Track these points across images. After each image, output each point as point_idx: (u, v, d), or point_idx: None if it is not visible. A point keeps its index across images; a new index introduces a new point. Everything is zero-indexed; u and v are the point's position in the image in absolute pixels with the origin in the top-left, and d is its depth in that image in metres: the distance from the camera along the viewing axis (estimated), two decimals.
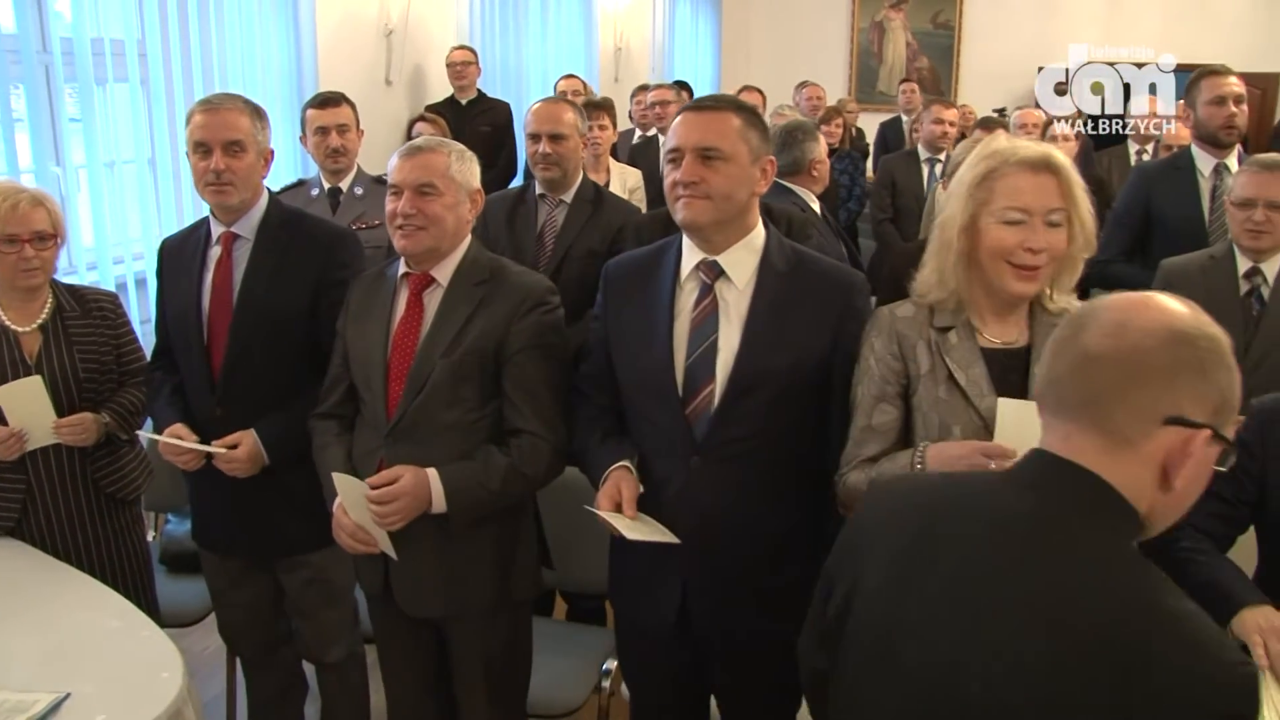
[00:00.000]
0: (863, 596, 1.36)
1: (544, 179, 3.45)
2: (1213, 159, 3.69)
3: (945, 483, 1.47)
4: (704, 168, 2.00)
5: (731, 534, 2.08)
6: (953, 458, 1.84)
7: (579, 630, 2.97)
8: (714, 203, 2.01)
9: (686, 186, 2.01)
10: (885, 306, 2.08)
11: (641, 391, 2.14)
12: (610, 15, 9.07)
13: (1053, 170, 1.87)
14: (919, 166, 5.57)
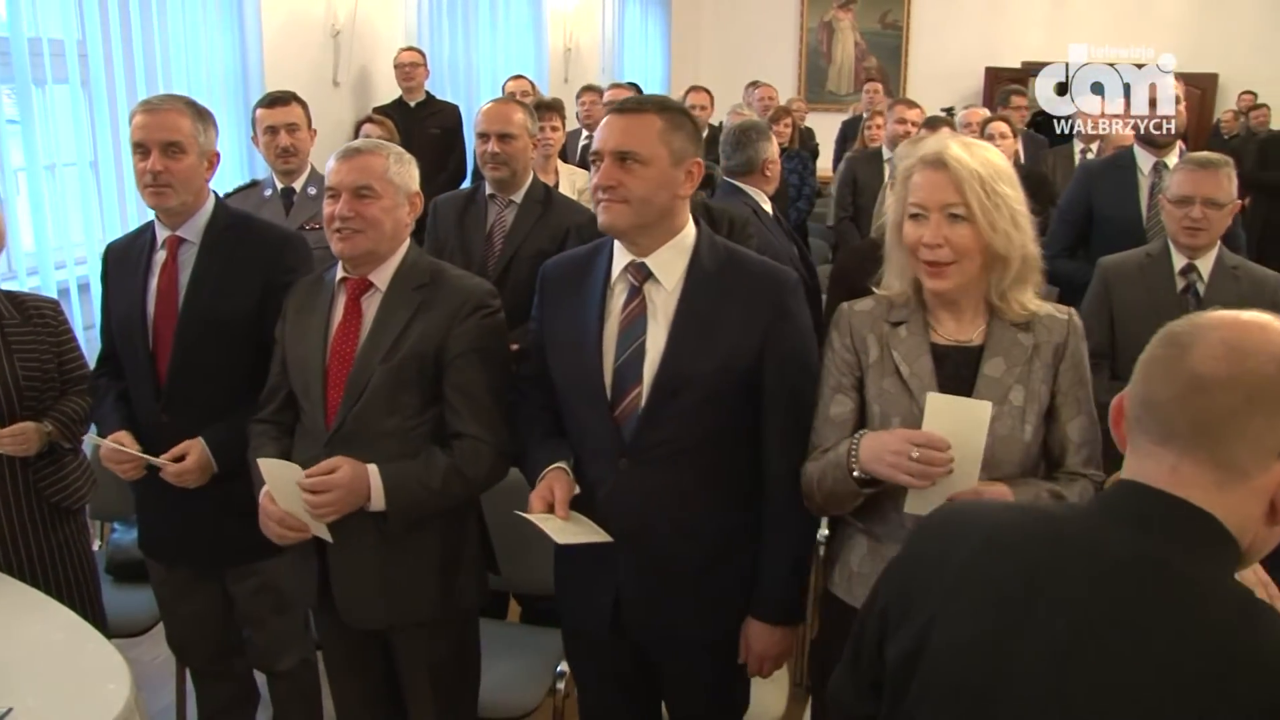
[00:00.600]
0: (947, 648, 1.23)
1: (493, 179, 3.45)
2: (1152, 157, 3.76)
3: (1034, 520, 1.30)
4: (621, 171, 1.99)
5: (663, 536, 2.08)
6: (883, 448, 1.84)
7: (532, 632, 2.96)
8: (632, 206, 2.00)
9: (604, 190, 2.00)
10: (846, 302, 2.10)
11: (573, 394, 2.13)
12: (560, 16, 9.06)
13: (945, 166, 1.89)
14: (881, 166, 5.61)
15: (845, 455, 1.92)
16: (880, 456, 1.85)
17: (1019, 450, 1.94)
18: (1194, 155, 3.06)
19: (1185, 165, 3.07)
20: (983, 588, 1.22)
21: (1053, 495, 1.94)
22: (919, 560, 1.33)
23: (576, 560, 2.09)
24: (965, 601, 1.23)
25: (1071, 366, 1.98)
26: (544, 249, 3.31)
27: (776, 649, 2.15)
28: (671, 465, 2.06)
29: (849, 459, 1.91)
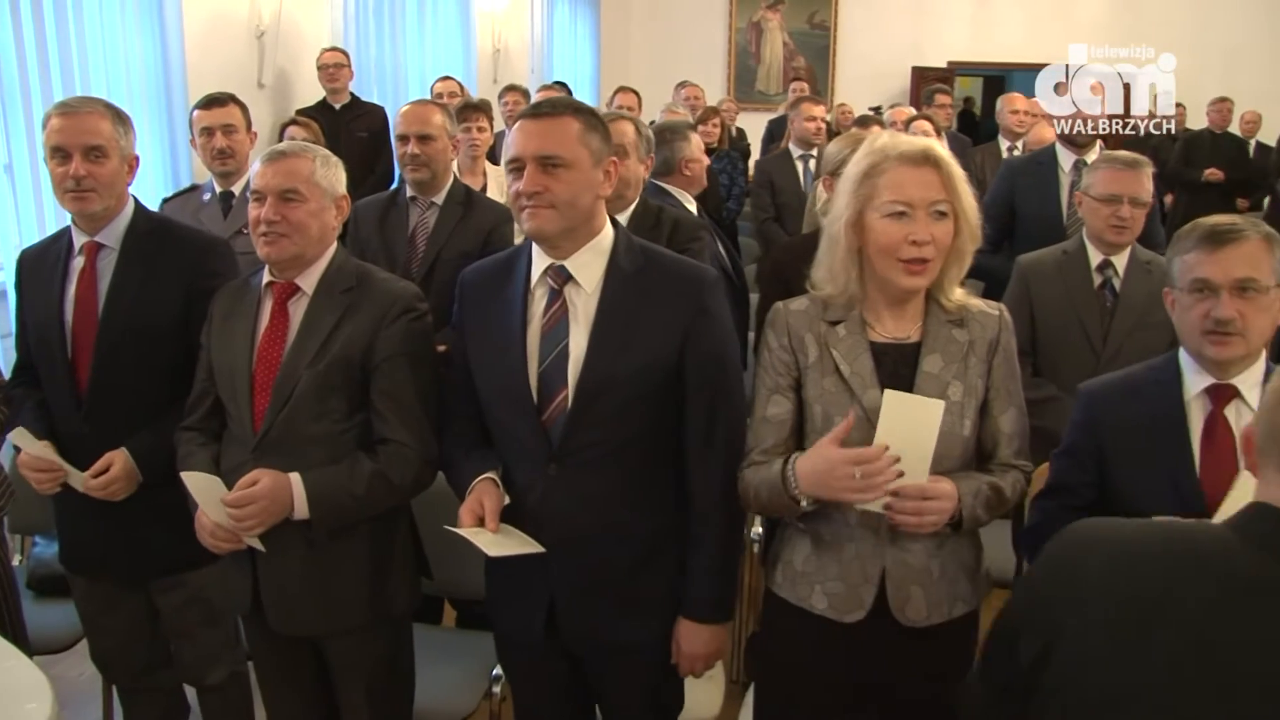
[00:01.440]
0: (1075, 658, 1.26)
1: (413, 180, 3.45)
2: (1073, 155, 3.83)
3: (1169, 536, 1.34)
4: (546, 176, 1.97)
5: (594, 540, 2.08)
6: (827, 474, 1.86)
7: (467, 636, 2.94)
8: (559, 211, 1.99)
9: (530, 197, 1.98)
10: (780, 302, 2.10)
11: (499, 401, 2.12)
12: (488, 16, 9.02)
13: (934, 163, 1.91)
14: (793, 164, 5.65)
15: (780, 478, 1.93)
16: (825, 483, 1.87)
17: (959, 445, 1.96)
18: (1119, 155, 3.11)
19: (1112, 165, 3.10)
20: (1115, 598, 1.25)
21: (991, 488, 1.98)
22: (1054, 574, 1.36)
23: (508, 566, 2.07)
24: (1095, 611, 1.26)
25: (1003, 361, 2.02)
26: (467, 250, 3.32)
27: (708, 648, 2.15)
28: (600, 468, 2.06)
29: (787, 485, 1.92)
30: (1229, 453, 1.95)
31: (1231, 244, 1.90)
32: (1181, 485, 1.95)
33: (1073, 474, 2.09)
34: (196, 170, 5.01)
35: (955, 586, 2.03)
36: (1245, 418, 1.94)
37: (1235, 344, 1.91)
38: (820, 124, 5.70)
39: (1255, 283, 1.89)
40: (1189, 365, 2.00)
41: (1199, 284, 1.93)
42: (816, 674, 2.07)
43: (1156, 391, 2.01)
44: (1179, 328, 2.00)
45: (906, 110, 6.23)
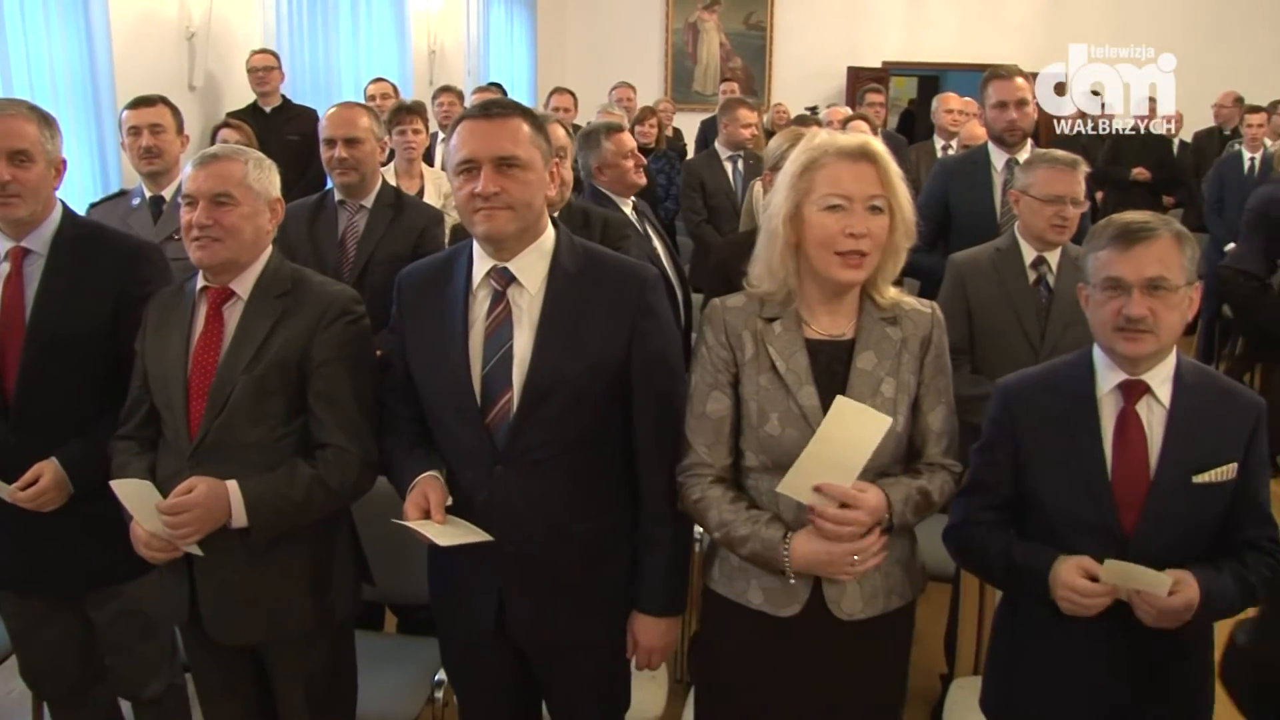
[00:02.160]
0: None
1: (341, 184, 3.43)
2: (1005, 154, 3.88)
3: None
4: (503, 177, 1.97)
5: (543, 540, 2.08)
6: (823, 563, 1.93)
7: (409, 642, 2.92)
8: (516, 212, 1.99)
9: (487, 199, 1.97)
10: (717, 298, 2.11)
11: (441, 404, 2.11)
12: (423, 17, 8.94)
13: (870, 158, 1.94)
14: (722, 165, 5.68)
15: (774, 549, 1.95)
16: (822, 568, 1.94)
17: (891, 441, 1.98)
18: (1058, 155, 3.13)
19: (1053, 165, 3.11)
20: None
21: (920, 493, 2.01)
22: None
23: (454, 567, 2.07)
24: None
25: (935, 358, 2.05)
26: (398, 253, 3.31)
27: (663, 640, 2.17)
28: (546, 469, 2.06)
29: (778, 556, 1.95)
30: (1140, 447, 1.98)
31: (1143, 243, 1.92)
32: (1093, 480, 1.98)
33: (990, 471, 2.11)
34: (126, 175, 4.91)
35: (890, 580, 2.06)
36: (1156, 413, 1.99)
37: (1146, 341, 1.94)
38: (754, 129, 5.72)
39: (1166, 281, 1.92)
40: (1102, 361, 2.03)
41: (1111, 282, 1.95)
42: (755, 669, 2.08)
43: (1070, 387, 2.05)
44: (1093, 323, 2.03)
45: (843, 110, 6.30)
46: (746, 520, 1.98)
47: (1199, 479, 1.96)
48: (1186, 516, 1.97)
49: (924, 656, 3.56)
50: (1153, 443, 1.98)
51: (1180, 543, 1.96)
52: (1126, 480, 1.98)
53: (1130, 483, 1.98)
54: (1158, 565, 1.90)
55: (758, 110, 6.06)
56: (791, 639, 2.03)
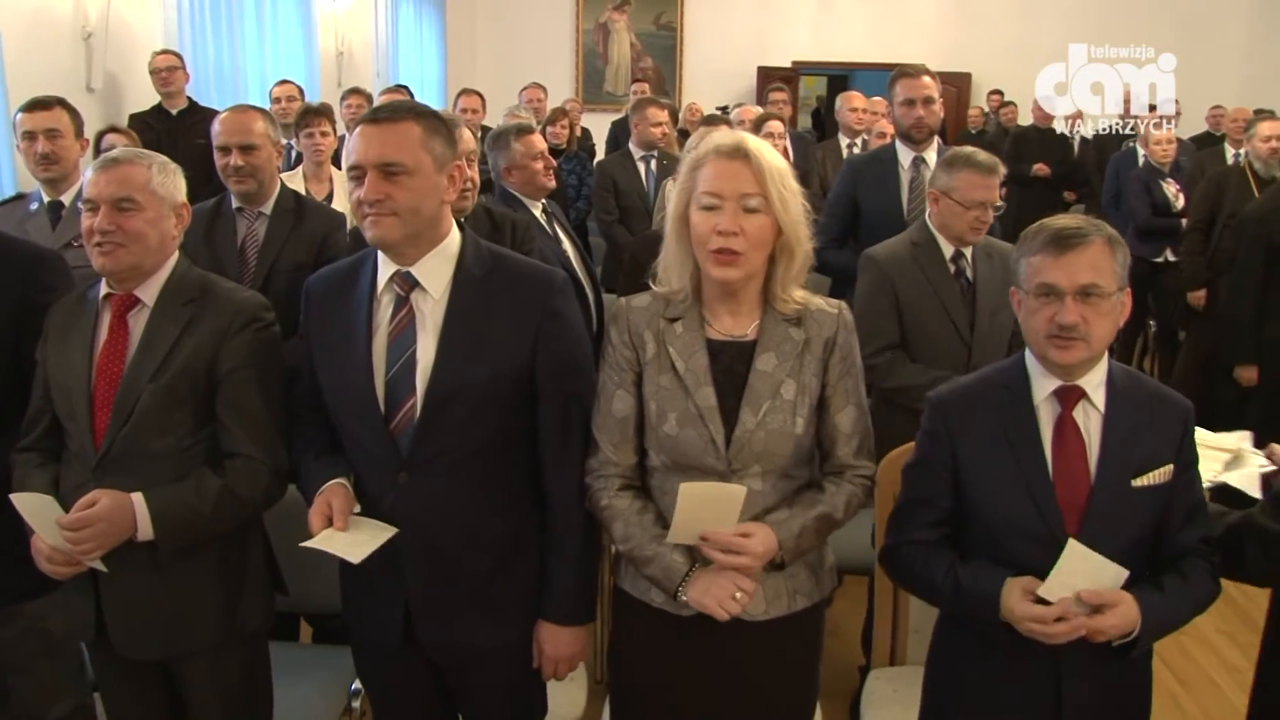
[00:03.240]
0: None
1: (239, 193, 3.31)
2: (912, 152, 3.95)
3: None
4: (388, 184, 1.94)
5: (449, 546, 2.07)
6: (709, 606, 1.94)
7: (325, 652, 2.88)
8: (401, 219, 1.96)
9: (372, 205, 1.94)
10: (624, 298, 2.11)
11: (345, 410, 2.09)
12: (330, 17, 8.81)
13: (745, 156, 1.93)
14: (634, 165, 5.68)
15: (675, 581, 1.97)
16: (711, 607, 1.94)
17: (790, 443, 2.00)
18: (980, 161, 3.15)
19: (976, 170, 3.14)
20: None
21: (818, 520, 2.02)
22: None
23: (364, 575, 2.04)
24: None
25: (841, 359, 2.04)
26: (301, 261, 3.24)
27: (570, 649, 2.16)
28: (452, 475, 2.04)
29: (674, 587, 1.97)
30: (1079, 453, 1.99)
31: (1076, 249, 1.91)
32: (1036, 487, 1.98)
33: (927, 486, 2.09)
34: (23, 178, 4.76)
35: (794, 581, 2.07)
36: (1093, 418, 1.99)
37: (1078, 348, 1.93)
38: (665, 129, 5.74)
39: (1098, 288, 1.93)
40: (1036, 369, 2.03)
41: (1045, 289, 1.94)
42: (663, 668, 2.09)
43: (1006, 397, 2.04)
44: (1025, 329, 2.03)
45: (753, 109, 6.34)
46: (652, 540, 1.98)
47: (1138, 482, 1.97)
48: (1127, 520, 1.98)
49: (843, 649, 3.61)
50: (1091, 448, 1.98)
51: (1122, 548, 1.96)
52: (1068, 487, 1.97)
53: (1072, 489, 1.97)
54: None
55: (669, 110, 6.08)
56: (695, 639, 2.04)
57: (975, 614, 1.99)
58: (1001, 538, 2.00)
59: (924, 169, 3.93)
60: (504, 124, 4.33)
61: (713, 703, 2.08)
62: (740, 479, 1.98)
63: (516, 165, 3.89)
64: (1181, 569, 1.99)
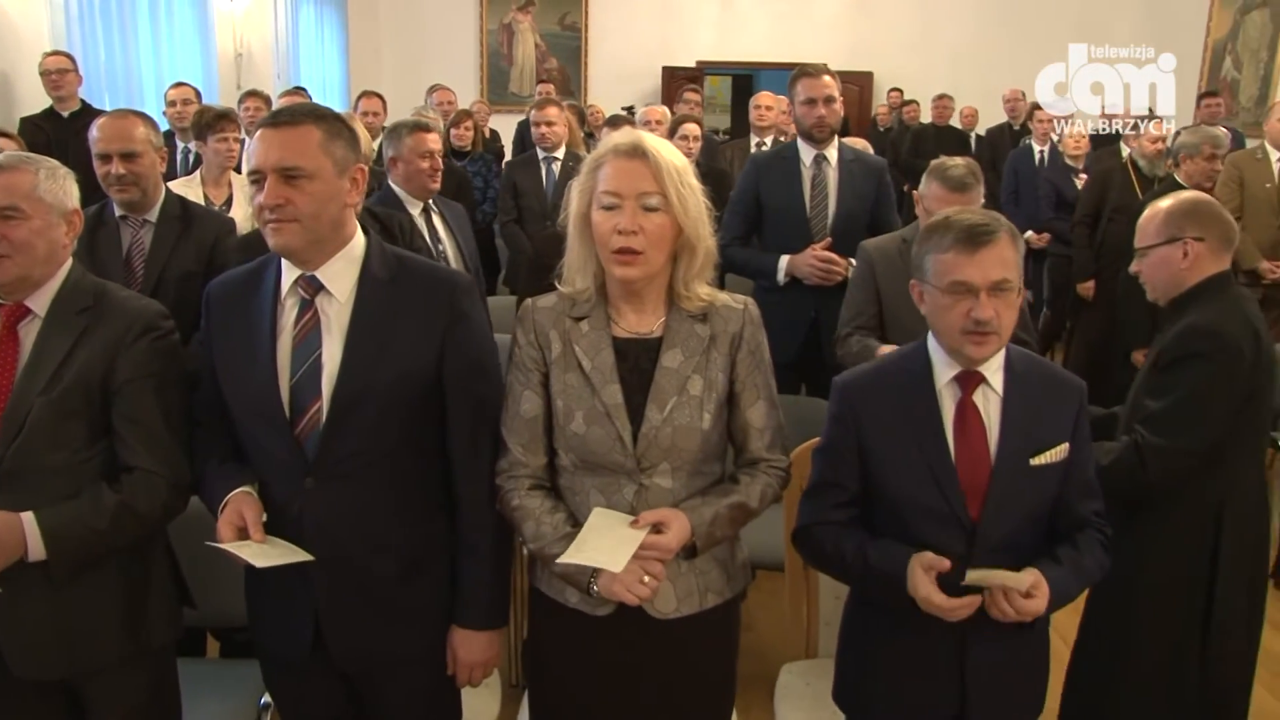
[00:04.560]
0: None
1: (122, 201, 3.21)
2: (813, 150, 3.99)
3: None
4: (287, 188, 1.92)
5: (358, 552, 2.05)
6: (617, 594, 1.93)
7: (233, 666, 2.82)
8: (303, 225, 1.94)
9: (272, 210, 1.92)
10: (530, 298, 2.11)
11: (249, 415, 2.06)
12: (228, 17, 8.63)
13: (643, 155, 1.94)
14: (538, 167, 5.67)
15: (585, 581, 1.97)
16: (620, 594, 1.92)
17: (698, 439, 2.01)
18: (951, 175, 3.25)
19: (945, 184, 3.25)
20: None
21: (732, 508, 2.03)
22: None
23: (270, 584, 2.02)
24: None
25: (748, 354, 2.06)
26: (191, 269, 3.17)
27: (484, 654, 2.15)
28: (360, 479, 2.02)
29: (589, 586, 1.97)
30: (980, 436, 2.06)
31: (987, 246, 1.97)
32: (939, 471, 2.04)
33: (836, 469, 2.14)
34: None
35: (706, 578, 2.08)
36: (992, 402, 2.07)
37: (992, 342, 2.00)
38: (561, 129, 5.73)
39: (1009, 283, 1.98)
40: (938, 354, 2.09)
41: (959, 285, 1.98)
42: (579, 668, 2.09)
43: (908, 382, 2.10)
44: (934, 323, 2.08)
45: (658, 110, 6.37)
46: (561, 539, 1.98)
47: (1036, 461, 2.05)
48: (1027, 499, 2.06)
49: (761, 644, 3.65)
50: (991, 430, 2.05)
51: (1023, 525, 2.06)
52: (970, 468, 2.04)
53: (973, 470, 2.04)
54: (1003, 547, 2.01)
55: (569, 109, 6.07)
56: (609, 638, 2.04)
57: (884, 591, 2.06)
58: (907, 518, 2.07)
59: (826, 167, 3.98)
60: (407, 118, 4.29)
61: (631, 701, 2.09)
62: (649, 476, 1.99)
63: (403, 159, 3.89)
64: (1078, 542, 2.09)
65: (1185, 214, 2.67)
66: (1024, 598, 1.95)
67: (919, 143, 9.28)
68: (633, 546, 1.90)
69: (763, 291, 3.95)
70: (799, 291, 3.92)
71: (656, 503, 1.98)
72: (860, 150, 4.31)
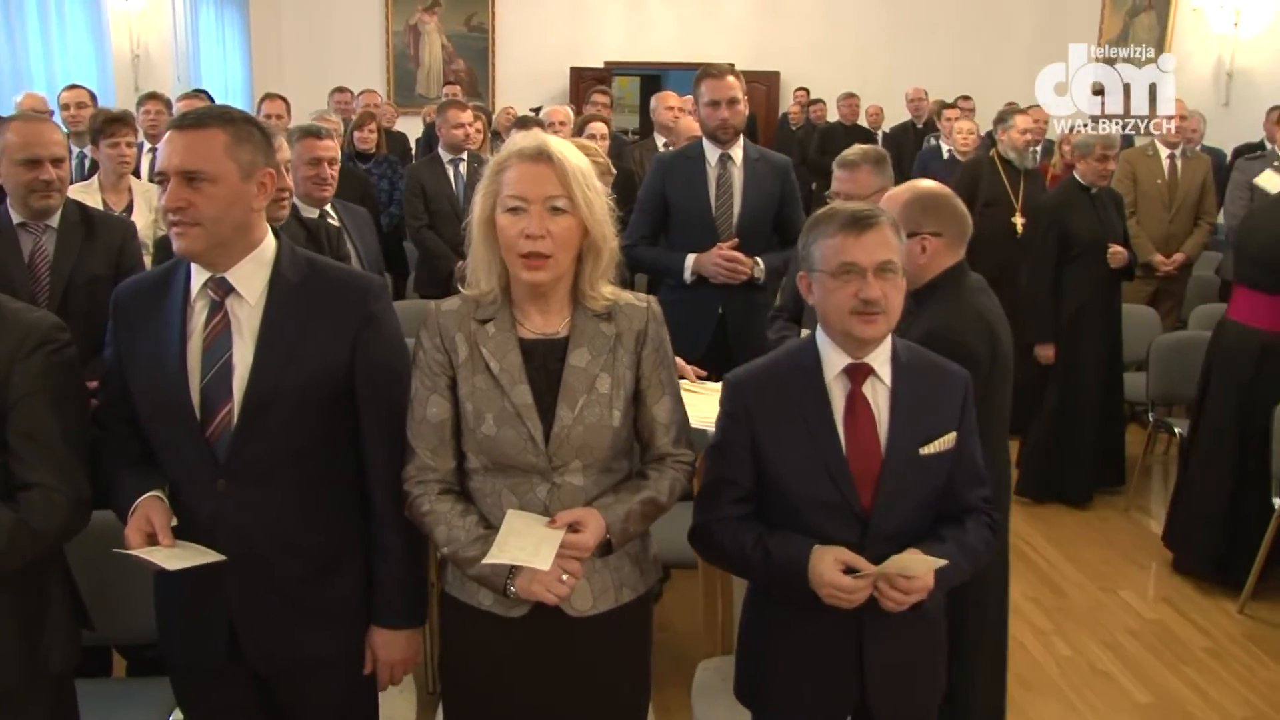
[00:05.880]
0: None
1: (44, 208, 3.13)
2: (718, 149, 4.03)
3: None
4: (190, 192, 1.90)
5: (271, 555, 2.03)
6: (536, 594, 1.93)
7: (141, 684, 2.74)
8: (205, 229, 1.92)
9: (175, 213, 1.91)
10: (434, 302, 2.11)
11: (159, 418, 2.03)
12: (123, 16, 8.42)
13: (548, 158, 1.95)
14: (444, 169, 5.63)
15: (500, 585, 1.96)
16: (540, 593, 1.93)
17: (608, 436, 2.02)
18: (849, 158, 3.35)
19: (842, 165, 3.38)
20: None
21: (644, 504, 2.05)
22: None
23: (182, 589, 1.99)
24: None
25: (653, 351, 2.09)
26: (99, 274, 3.11)
27: (403, 653, 2.15)
28: (272, 481, 2.01)
29: (505, 588, 1.96)
30: (870, 427, 2.10)
31: (872, 229, 2.03)
32: (831, 463, 2.08)
33: (730, 467, 2.16)
34: None
35: (620, 574, 2.09)
36: (880, 393, 2.11)
37: (880, 322, 2.04)
38: (467, 130, 5.70)
39: (893, 264, 2.04)
40: (827, 347, 2.13)
41: (847, 267, 2.03)
42: (494, 671, 2.09)
43: (799, 376, 2.13)
44: (821, 309, 2.12)
45: (563, 110, 6.36)
46: (476, 541, 1.98)
47: (925, 451, 2.10)
48: (918, 487, 2.11)
49: (680, 642, 3.67)
50: (881, 421, 2.09)
51: (914, 513, 2.11)
52: (861, 459, 2.07)
53: (864, 461, 2.07)
54: (895, 536, 2.05)
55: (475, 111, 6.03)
56: (525, 639, 2.05)
57: (784, 582, 2.08)
58: (801, 510, 2.10)
59: (731, 167, 4.02)
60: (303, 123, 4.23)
61: (548, 702, 2.09)
62: (561, 475, 2.00)
63: (291, 165, 3.83)
64: (964, 523, 2.15)
65: (924, 209, 2.70)
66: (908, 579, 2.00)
67: (827, 141, 9.41)
68: (555, 545, 1.91)
69: (670, 290, 3.98)
70: (706, 290, 3.96)
71: (569, 501, 1.99)
72: (765, 149, 4.35)
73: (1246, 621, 4.20)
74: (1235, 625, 4.17)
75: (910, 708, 2.21)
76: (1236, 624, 4.18)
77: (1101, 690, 3.71)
